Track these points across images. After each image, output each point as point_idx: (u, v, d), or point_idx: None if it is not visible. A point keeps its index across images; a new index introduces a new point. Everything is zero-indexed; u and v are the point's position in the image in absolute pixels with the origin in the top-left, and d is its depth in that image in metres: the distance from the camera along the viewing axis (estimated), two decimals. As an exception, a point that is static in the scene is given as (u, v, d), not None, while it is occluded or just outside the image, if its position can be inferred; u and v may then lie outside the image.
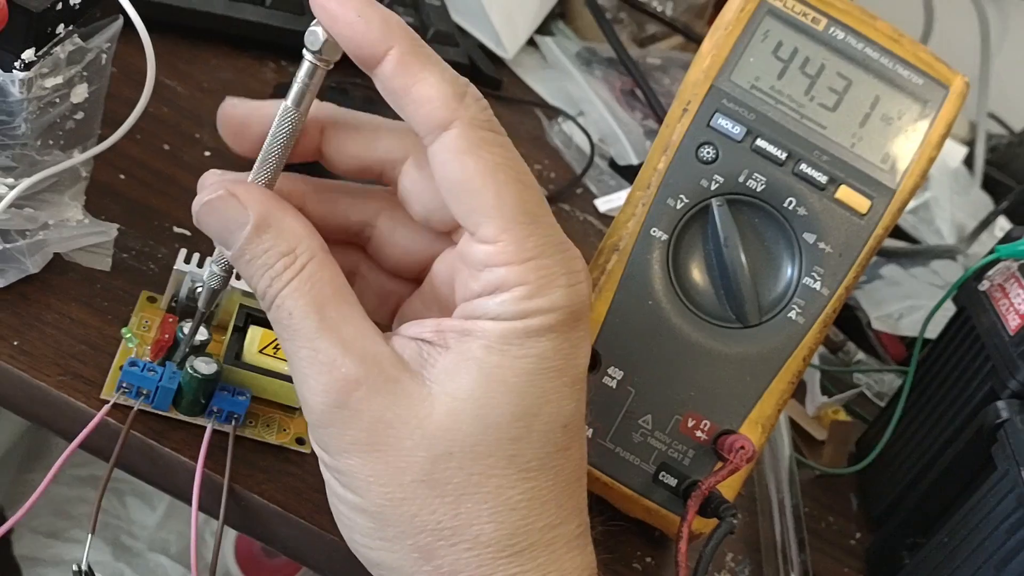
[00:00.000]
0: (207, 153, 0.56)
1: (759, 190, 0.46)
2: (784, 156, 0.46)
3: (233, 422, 0.42)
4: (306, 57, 0.35)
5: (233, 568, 0.93)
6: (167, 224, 0.50)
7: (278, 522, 0.42)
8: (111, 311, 0.45)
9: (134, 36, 0.40)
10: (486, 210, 0.33)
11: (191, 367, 0.41)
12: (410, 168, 0.37)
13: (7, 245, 0.42)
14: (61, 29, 0.39)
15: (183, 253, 0.44)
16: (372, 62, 0.34)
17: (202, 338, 0.42)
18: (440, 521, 0.34)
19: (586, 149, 0.76)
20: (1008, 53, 1.12)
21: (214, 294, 0.39)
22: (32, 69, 0.38)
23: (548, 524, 0.35)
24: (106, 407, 0.40)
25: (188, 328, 0.42)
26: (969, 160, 1.02)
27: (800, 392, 0.67)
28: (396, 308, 0.41)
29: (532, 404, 0.34)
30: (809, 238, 0.46)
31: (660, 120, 0.79)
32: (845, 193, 0.46)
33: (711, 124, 0.46)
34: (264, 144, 0.36)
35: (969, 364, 0.56)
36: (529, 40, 0.84)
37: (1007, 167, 1.05)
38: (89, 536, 0.39)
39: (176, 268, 0.44)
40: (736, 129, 0.46)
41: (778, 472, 0.57)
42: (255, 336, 0.43)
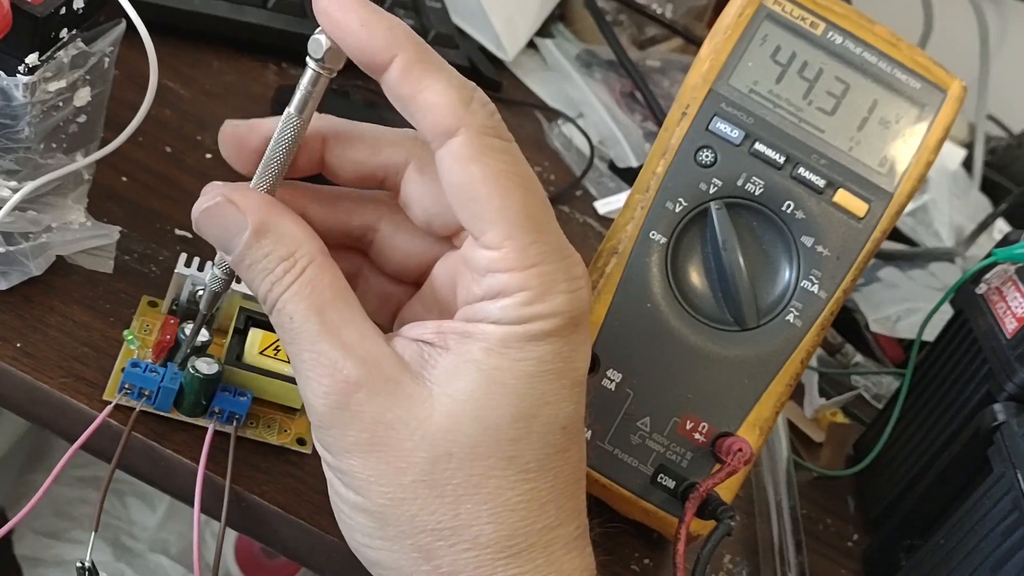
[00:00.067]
0: (209, 156, 0.56)
1: (757, 193, 0.46)
2: (782, 160, 0.46)
3: (234, 423, 0.42)
4: (309, 65, 0.35)
5: (233, 568, 0.93)
6: (169, 227, 0.50)
7: (279, 523, 0.42)
8: (113, 313, 0.45)
9: (137, 39, 0.40)
10: (490, 216, 0.34)
11: (193, 367, 0.41)
12: (411, 174, 0.38)
13: (10, 248, 0.42)
14: (65, 33, 0.40)
15: (184, 257, 0.44)
16: (378, 70, 0.34)
17: (203, 340, 0.42)
18: (440, 521, 0.34)
19: (586, 151, 0.76)
20: (1007, 55, 1.12)
21: (216, 297, 0.40)
22: (36, 73, 0.38)
23: (547, 525, 0.35)
24: (108, 408, 0.41)
25: (189, 330, 0.42)
26: (968, 162, 1.02)
27: (798, 394, 0.67)
28: (397, 310, 0.41)
29: (531, 406, 0.34)
30: (807, 241, 0.46)
31: (660, 122, 0.79)
32: (843, 197, 0.46)
33: (710, 128, 0.46)
34: (266, 151, 0.36)
35: (966, 367, 0.56)
36: (529, 42, 0.84)
37: (1006, 169, 1.05)
38: (92, 534, 0.39)
39: (177, 272, 0.44)
40: (735, 133, 0.46)
41: (776, 474, 0.57)
42: (256, 338, 0.43)
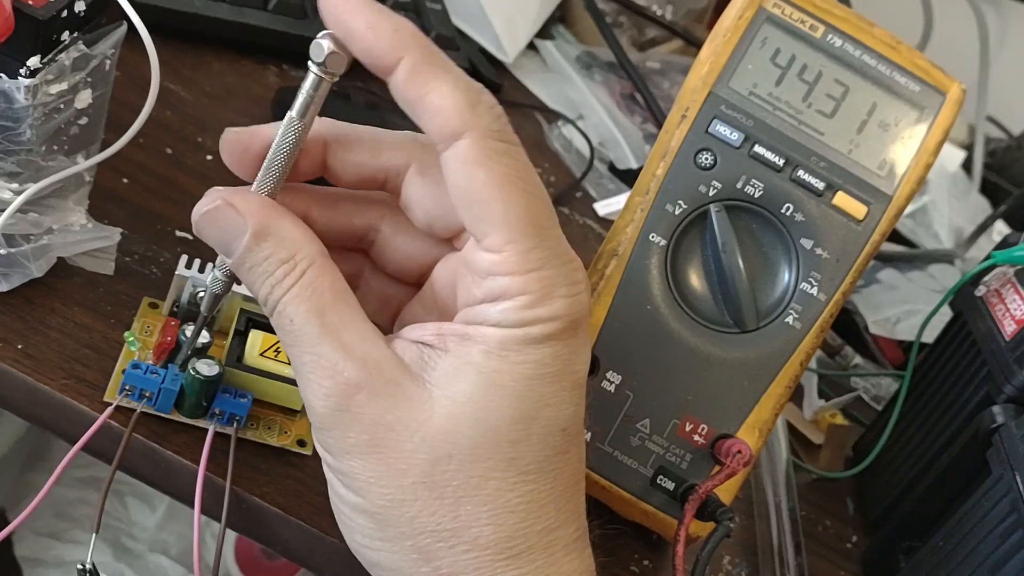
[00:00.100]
0: (209, 158, 0.56)
1: (757, 196, 0.46)
2: (782, 162, 0.46)
3: (235, 424, 0.42)
4: (311, 69, 0.35)
5: (233, 569, 0.93)
6: (169, 228, 0.50)
7: (279, 524, 0.42)
8: (114, 315, 0.45)
9: (138, 41, 0.40)
10: (493, 220, 0.34)
11: (193, 369, 0.41)
12: (412, 176, 0.38)
13: (12, 250, 0.42)
14: (66, 36, 0.40)
15: (184, 259, 0.44)
16: (385, 72, 0.34)
17: (204, 341, 0.43)
18: (439, 523, 0.34)
19: (586, 153, 0.77)
20: (1007, 57, 1.12)
21: (216, 299, 0.40)
22: (37, 76, 0.38)
23: (546, 527, 0.35)
24: (109, 409, 0.41)
25: (190, 331, 0.42)
26: (967, 164, 1.02)
27: (797, 395, 0.67)
28: (397, 312, 0.41)
29: (531, 408, 0.34)
30: (806, 244, 0.46)
31: (659, 124, 0.79)
32: (842, 199, 0.46)
33: (709, 130, 0.46)
34: (268, 155, 0.36)
35: (965, 369, 0.56)
36: (529, 44, 0.84)
37: (1005, 171, 1.05)
38: (93, 536, 0.39)
39: (178, 273, 0.44)
40: (734, 135, 0.46)
41: (775, 475, 0.58)
42: (256, 340, 0.44)
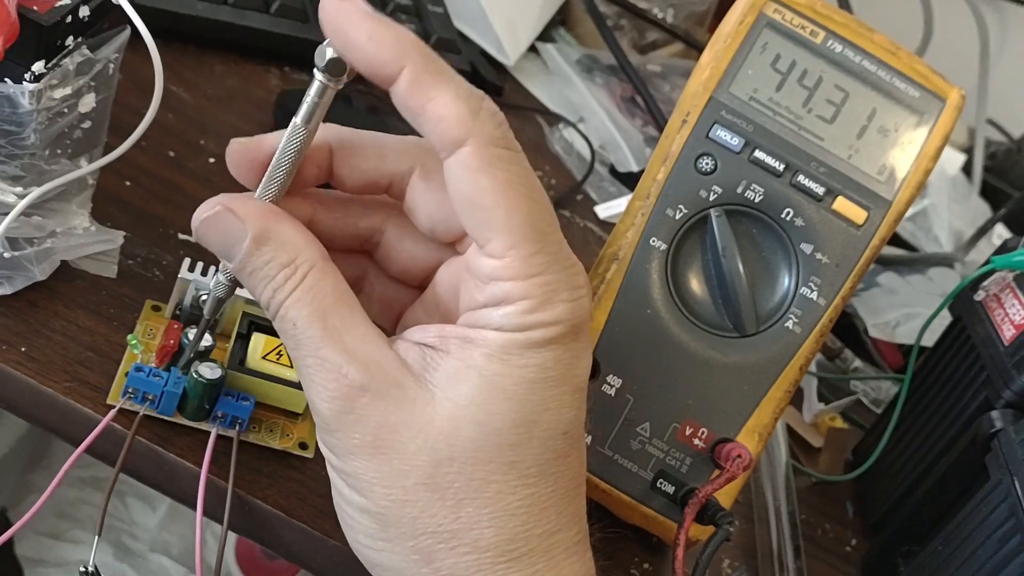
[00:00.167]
0: (212, 160, 0.56)
1: (757, 201, 0.47)
2: (782, 167, 0.47)
3: (237, 427, 0.42)
4: (316, 76, 0.35)
5: (234, 569, 0.94)
6: (172, 231, 0.50)
7: (281, 526, 0.42)
8: (117, 318, 0.45)
9: (140, 43, 0.40)
10: (496, 226, 0.34)
11: (196, 372, 0.41)
12: (416, 181, 0.38)
13: (15, 253, 0.42)
14: (70, 41, 0.40)
15: (187, 262, 0.44)
16: (386, 81, 0.34)
17: (206, 344, 0.43)
18: (440, 524, 0.34)
19: (587, 156, 0.77)
20: (1007, 60, 1.12)
21: (220, 303, 0.40)
22: (42, 81, 0.39)
23: (547, 530, 0.35)
24: (112, 412, 0.41)
25: (193, 334, 0.42)
26: (968, 167, 1.02)
27: (797, 399, 0.67)
28: (400, 314, 0.41)
29: (532, 411, 0.34)
30: (806, 248, 0.47)
31: (660, 127, 0.79)
32: (842, 204, 0.47)
33: (710, 135, 0.47)
34: (272, 160, 0.37)
35: (964, 373, 0.56)
36: (531, 47, 0.84)
37: (1006, 174, 1.05)
38: (96, 538, 0.39)
39: (181, 276, 0.44)
40: (735, 140, 0.47)
41: (775, 479, 0.58)
42: (258, 343, 0.44)
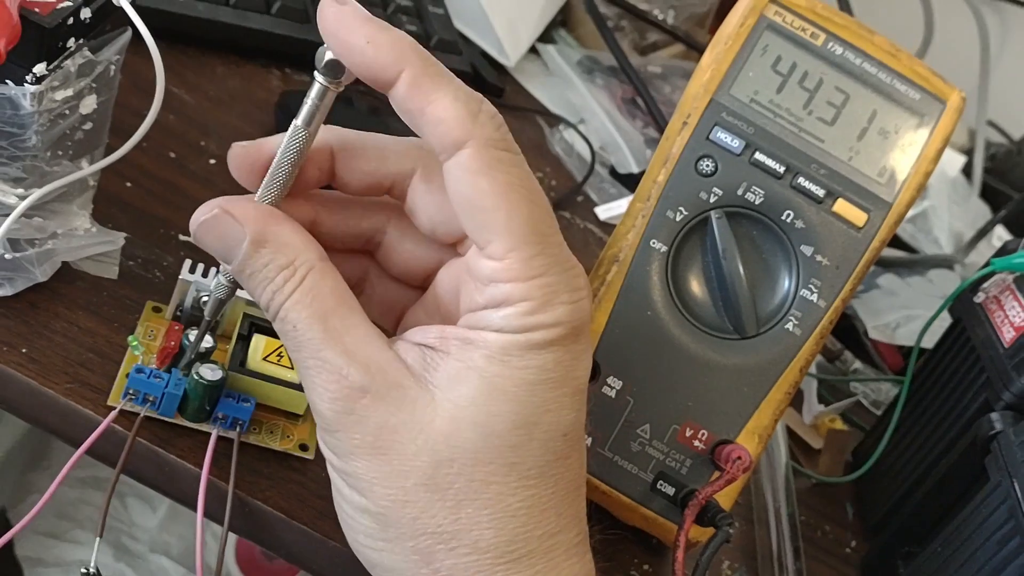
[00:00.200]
0: (213, 161, 0.56)
1: (757, 203, 0.47)
2: (782, 169, 0.47)
3: (238, 428, 0.42)
4: (317, 79, 0.35)
5: (234, 570, 0.94)
6: (173, 232, 0.50)
7: (281, 528, 0.42)
8: (118, 319, 0.45)
9: (142, 45, 0.40)
10: (496, 228, 0.34)
11: (197, 373, 0.41)
12: (417, 182, 0.38)
13: (16, 254, 0.42)
14: (72, 43, 0.40)
15: (188, 263, 0.44)
16: (386, 86, 0.34)
17: (207, 346, 0.43)
18: (440, 525, 0.34)
19: (587, 157, 0.77)
20: (1008, 61, 1.12)
21: (221, 304, 0.40)
22: (43, 83, 0.39)
23: (547, 532, 0.35)
24: (113, 414, 0.41)
25: (193, 336, 0.42)
26: (968, 169, 1.02)
27: (797, 400, 0.67)
28: (401, 316, 0.41)
29: (532, 413, 0.34)
30: (806, 251, 0.47)
31: (661, 128, 0.79)
32: (842, 206, 0.47)
33: (710, 137, 0.47)
34: (273, 162, 0.37)
35: (964, 375, 0.56)
36: (531, 48, 0.84)
37: (1006, 176, 1.05)
38: (97, 540, 0.39)
39: (181, 278, 0.44)
40: (735, 142, 0.47)
41: (775, 480, 0.58)
42: (259, 344, 0.44)
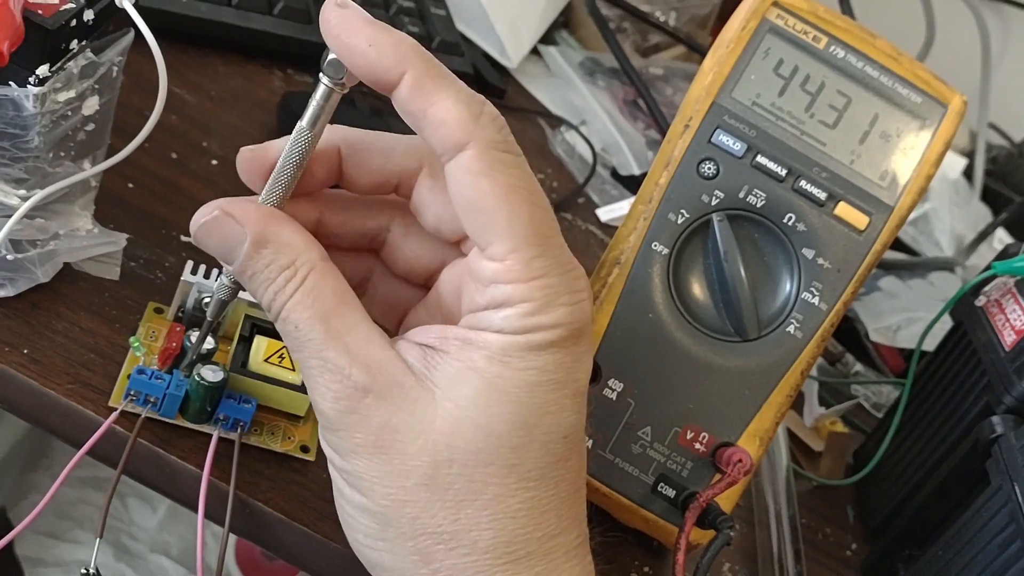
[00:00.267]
0: (214, 162, 0.56)
1: (759, 206, 0.47)
2: (784, 172, 0.47)
3: (239, 430, 0.42)
4: (322, 80, 0.35)
5: (234, 570, 0.94)
6: (174, 233, 0.50)
7: (282, 529, 0.42)
8: (119, 320, 0.45)
9: (144, 45, 0.40)
10: (497, 230, 0.34)
11: (198, 375, 0.41)
12: (423, 180, 0.38)
13: (18, 255, 0.42)
14: (74, 44, 0.40)
15: (190, 264, 0.44)
16: (388, 87, 0.34)
17: (209, 347, 0.43)
18: (440, 525, 0.34)
19: (588, 158, 0.77)
20: (1009, 64, 1.12)
21: (223, 305, 0.40)
22: (46, 84, 0.39)
23: (547, 533, 0.35)
24: (114, 415, 0.41)
25: (195, 337, 0.42)
26: (969, 171, 1.02)
27: (798, 403, 0.67)
28: (403, 316, 0.41)
29: (532, 415, 0.34)
30: (808, 253, 0.47)
31: (662, 130, 0.79)
32: (844, 209, 0.47)
33: (712, 140, 0.47)
34: (277, 164, 0.37)
35: (965, 378, 0.56)
36: (533, 49, 0.84)
37: (1007, 179, 1.05)
38: (97, 541, 0.39)
39: (183, 279, 0.44)
40: (737, 145, 0.47)
41: (775, 483, 0.58)
42: (260, 345, 0.44)
